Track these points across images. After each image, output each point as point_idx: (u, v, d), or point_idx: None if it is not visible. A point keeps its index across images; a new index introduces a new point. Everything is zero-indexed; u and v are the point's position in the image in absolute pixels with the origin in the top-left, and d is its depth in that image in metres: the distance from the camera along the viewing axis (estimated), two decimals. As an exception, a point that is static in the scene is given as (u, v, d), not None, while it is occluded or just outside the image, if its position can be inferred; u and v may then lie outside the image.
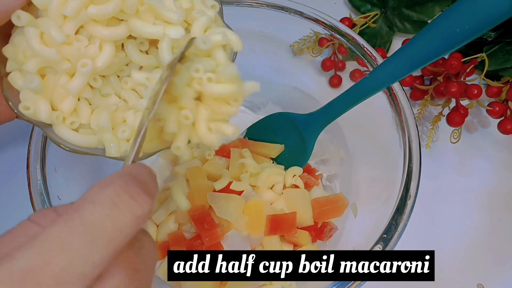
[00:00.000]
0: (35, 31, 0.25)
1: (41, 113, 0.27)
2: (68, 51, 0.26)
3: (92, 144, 0.29)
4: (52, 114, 0.27)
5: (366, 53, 0.42)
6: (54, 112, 0.28)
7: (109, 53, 0.27)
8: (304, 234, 0.42)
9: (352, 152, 0.47)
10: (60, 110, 0.28)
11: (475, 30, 0.28)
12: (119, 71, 0.30)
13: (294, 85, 0.50)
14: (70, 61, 0.26)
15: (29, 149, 0.36)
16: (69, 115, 0.28)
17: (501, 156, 0.53)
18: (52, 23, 0.25)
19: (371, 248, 0.34)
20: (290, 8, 0.44)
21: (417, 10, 0.58)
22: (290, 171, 0.45)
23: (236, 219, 0.41)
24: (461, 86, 0.48)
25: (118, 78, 0.30)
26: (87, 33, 0.27)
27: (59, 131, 0.28)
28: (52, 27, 0.25)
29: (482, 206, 0.50)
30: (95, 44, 0.27)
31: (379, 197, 0.40)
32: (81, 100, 0.28)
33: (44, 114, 0.27)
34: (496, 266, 0.47)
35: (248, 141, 0.48)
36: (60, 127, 0.28)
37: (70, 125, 0.28)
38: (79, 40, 0.27)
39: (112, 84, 0.30)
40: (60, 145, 0.28)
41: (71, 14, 0.25)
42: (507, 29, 0.52)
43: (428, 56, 0.31)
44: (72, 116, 0.28)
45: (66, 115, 0.28)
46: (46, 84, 0.27)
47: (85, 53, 0.26)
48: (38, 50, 0.25)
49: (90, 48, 0.27)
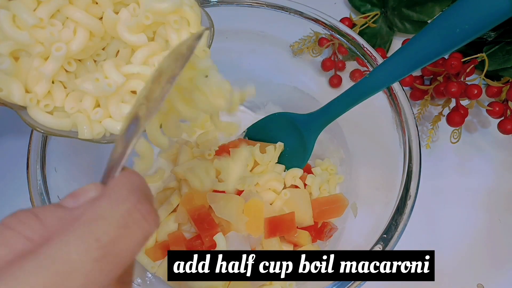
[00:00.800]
0: (6, 13, 0.25)
1: (14, 95, 0.27)
2: (41, 35, 0.26)
3: (66, 127, 0.29)
4: (26, 96, 0.27)
5: (366, 53, 0.42)
6: (28, 94, 0.28)
7: (83, 37, 0.28)
8: (304, 234, 0.42)
9: (352, 152, 0.47)
10: (34, 93, 0.28)
11: (475, 30, 0.28)
12: (95, 55, 0.30)
13: (294, 85, 0.50)
14: (43, 45, 0.26)
15: (29, 149, 0.36)
16: (43, 98, 0.28)
17: (501, 156, 0.54)
18: (23, 6, 0.25)
19: (371, 248, 0.34)
20: (290, 8, 0.44)
21: (417, 10, 0.58)
22: (290, 172, 0.45)
23: (236, 219, 0.41)
24: (461, 86, 0.48)
25: (95, 62, 0.30)
26: (62, 17, 0.27)
27: (33, 113, 0.28)
28: (24, 10, 0.25)
29: (482, 206, 0.50)
30: (70, 28, 0.27)
31: (379, 197, 0.40)
32: (55, 83, 0.29)
33: (17, 96, 0.27)
34: (496, 266, 0.47)
35: (248, 141, 0.48)
36: (34, 109, 0.28)
37: (44, 107, 0.28)
38: (53, 24, 0.27)
39: (88, 68, 0.30)
40: (35, 128, 0.28)
41: None
42: (507, 29, 0.52)
43: (428, 56, 0.31)
44: (47, 99, 0.28)
45: (40, 97, 0.28)
46: (20, 67, 0.27)
47: (59, 37, 0.26)
48: (10, 33, 0.25)
49: (64, 32, 0.27)
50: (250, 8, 0.44)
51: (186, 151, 0.46)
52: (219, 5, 0.44)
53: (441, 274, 0.46)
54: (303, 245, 0.42)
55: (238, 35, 0.47)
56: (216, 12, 0.44)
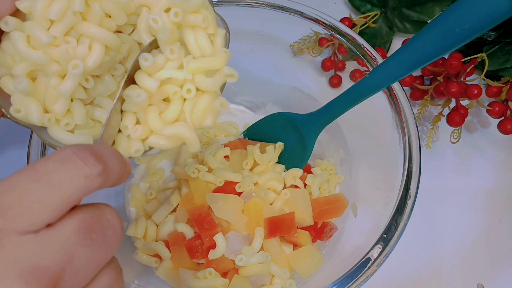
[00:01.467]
0: (21, 34, 0.25)
1: (32, 115, 0.27)
2: (56, 53, 0.26)
3: (89, 143, 0.29)
4: (44, 116, 0.27)
5: (366, 53, 0.42)
6: (46, 114, 0.27)
7: (99, 52, 0.27)
8: (304, 234, 0.42)
9: (352, 152, 0.47)
10: (52, 112, 0.27)
11: (474, 30, 0.28)
12: (112, 69, 0.30)
13: (294, 85, 0.50)
14: (59, 63, 0.26)
15: (29, 149, 0.36)
16: (62, 116, 0.28)
17: (501, 156, 0.54)
18: (37, 25, 0.25)
19: (371, 248, 0.34)
20: (290, 8, 0.44)
21: (417, 10, 0.58)
22: (290, 172, 0.45)
23: (235, 219, 0.41)
24: (461, 86, 0.48)
25: (113, 77, 0.30)
26: (76, 34, 0.27)
27: (54, 133, 0.28)
28: (37, 29, 0.25)
29: (482, 206, 0.50)
30: (85, 44, 0.27)
31: (379, 197, 0.40)
32: (74, 101, 0.28)
33: (35, 117, 0.27)
34: (496, 266, 0.47)
35: (248, 141, 0.48)
36: (55, 129, 0.28)
37: (65, 126, 0.28)
38: (67, 42, 0.26)
39: (106, 83, 0.30)
40: (56, 148, 0.28)
41: (56, 17, 0.25)
42: (507, 29, 0.52)
43: (428, 56, 0.31)
44: (67, 117, 0.28)
45: (59, 116, 0.28)
46: (38, 87, 0.27)
47: (74, 54, 0.26)
48: (25, 53, 0.25)
49: (79, 48, 0.27)
50: (250, 8, 0.44)
51: (186, 151, 0.46)
52: (219, 5, 0.44)
53: (441, 274, 0.46)
54: (303, 245, 0.42)
55: (238, 35, 0.47)
56: (216, 12, 0.44)
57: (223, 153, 0.45)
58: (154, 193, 0.45)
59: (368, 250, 0.34)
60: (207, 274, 0.38)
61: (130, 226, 0.43)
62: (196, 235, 0.41)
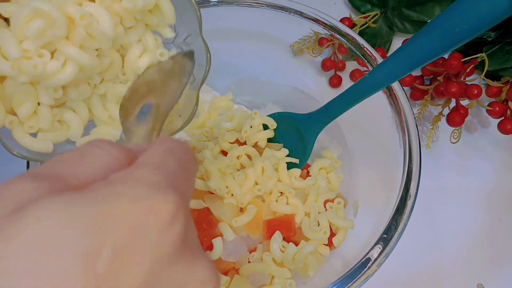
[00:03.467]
0: None
1: None
2: (25, 66, 0.24)
3: (48, 149, 0.28)
4: (6, 118, 0.26)
5: (366, 53, 0.42)
6: (8, 116, 0.27)
7: (72, 72, 0.26)
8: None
9: (352, 152, 0.47)
10: (17, 115, 0.27)
11: (474, 30, 0.28)
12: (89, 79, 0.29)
13: (294, 85, 0.50)
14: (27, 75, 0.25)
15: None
16: (26, 119, 0.27)
17: (501, 156, 0.54)
18: (11, 37, 0.24)
19: (371, 248, 0.34)
20: (290, 8, 0.44)
21: (417, 10, 0.58)
22: (289, 173, 0.45)
23: (231, 219, 0.40)
24: (461, 86, 0.48)
25: (88, 84, 0.29)
26: (52, 46, 0.26)
27: (16, 135, 0.27)
28: (9, 42, 0.24)
29: (482, 206, 0.50)
30: (59, 61, 0.26)
31: (379, 197, 0.40)
32: (41, 105, 0.27)
33: None
34: (496, 266, 0.47)
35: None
36: (17, 131, 0.27)
37: (28, 129, 0.27)
38: (41, 55, 0.25)
39: (80, 90, 0.29)
40: (11, 151, 0.27)
41: (33, 35, 0.24)
42: (507, 29, 0.52)
43: (427, 56, 0.31)
44: (32, 120, 0.27)
45: (23, 120, 0.27)
46: (4, 88, 0.26)
47: (43, 70, 0.25)
48: None
49: (51, 64, 0.25)
50: (250, 8, 0.44)
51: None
52: (219, 5, 0.44)
53: (441, 274, 0.46)
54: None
55: (238, 35, 0.47)
56: (216, 12, 0.44)
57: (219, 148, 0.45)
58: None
59: (368, 250, 0.34)
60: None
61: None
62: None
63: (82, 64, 0.26)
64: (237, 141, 0.46)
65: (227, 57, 0.49)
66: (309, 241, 0.40)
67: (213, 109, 0.50)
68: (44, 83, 0.26)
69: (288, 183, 0.43)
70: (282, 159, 0.44)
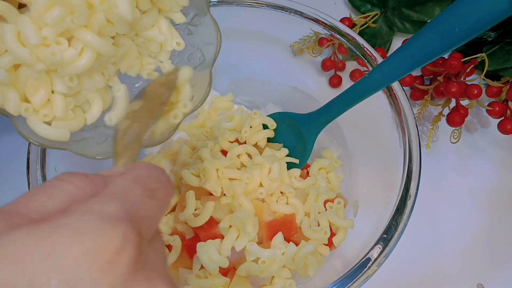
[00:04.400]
0: (12, 28, 0.24)
1: (9, 104, 0.26)
2: (43, 54, 0.25)
3: (64, 137, 0.28)
4: (21, 106, 0.27)
5: (366, 53, 0.42)
6: (23, 104, 0.27)
7: (89, 59, 0.26)
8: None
9: (352, 152, 0.47)
10: (31, 103, 0.27)
11: (473, 30, 0.28)
12: (103, 69, 0.29)
13: (294, 85, 0.50)
14: (44, 63, 0.25)
15: (29, 149, 0.36)
16: (40, 107, 0.27)
17: (501, 156, 0.54)
18: (30, 23, 0.24)
19: (371, 248, 0.34)
20: (290, 8, 0.44)
21: (417, 10, 0.58)
22: (289, 173, 0.45)
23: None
24: (461, 86, 0.48)
25: (103, 75, 0.29)
26: (69, 34, 0.26)
27: (30, 123, 0.27)
28: (29, 28, 0.24)
29: (482, 206, 0.50)
30: (76, 49, 0.26)
31: (379, 197, 0.40)
32: (55, 93, 0.27)
33: (12, 106, 0.26)
34: (496, 266, 0.47)
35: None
36: (32, 118, 0.27)
37: (43, 117, 0.27)
38: (58, 43, 0.25)
39: (94, 80, 0.29)
40: (28, 139, 0.27)
41: (53, 23, 0.24)
42: (507, 29, 0.52)
43: (427, 56, 0.31)
44: (46, 108, 0.27)
45: (37, 107, 0.27)
46: (19, 75, 0.26)
47: (61, 58, 0.25)
48: (11, 48, 0.24)
49: (68, 52, 0.25)
50: (250, 8, 0.44)
51: (186, 151, 0.46)
52: (219, 5, 0.44)
53: (441, 274, 0.46)
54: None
55: (238, 35, 0.47)
56: (216, 12, 0.44)
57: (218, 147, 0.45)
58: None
59: (368, 250, 0.34)
60: (208, 273, 0.38)
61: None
62: (195, 235, 0.41)
63: (100, 51, 0.26)
64: (237, 141, 0.46)
65: (227, 57, 0.49)
66: (309, 241, 0.40)
67: (213, 109, 0.50)
68: (60, 71, 0.26)
69: (288, 183, 0.43)
70: (282, 159, 0.44)
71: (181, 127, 0.49)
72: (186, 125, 0.49)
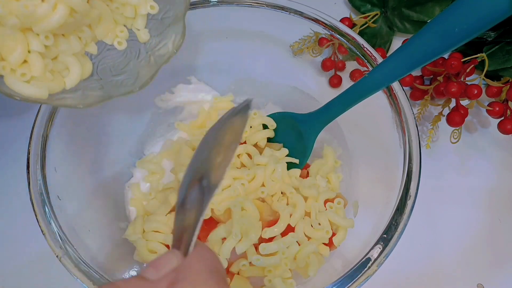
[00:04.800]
0: None
1: None
2: (16, 7, 0.25)
3: (43, 95, 0.28)
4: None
5: (366, 53, 0.42)
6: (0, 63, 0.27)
7: (62, 13, 0.27)
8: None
9: (352, 152, 0.47)
10: (7, 62, 0.27)
11: (473, 30, 0.28)
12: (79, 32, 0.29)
13: (294, 85, 0.50)
14: (18, 17, 0.25)
15: (29, 149, 0.36)
16: (17, 66, 0.27)
17: (501, 156, 0.53)
18: None
19: (371, 248, 0.34)
20: (290, 8, 0.44)
21: (417, 10, 0.58)
22: (289, 173, 0.45)
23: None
24: (461, 86, 0.48)
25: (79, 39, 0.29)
26: None
27: (10, 82, 0.28)
28: None
29: (482, 206, 0.50)
30: (49, 4, 0.26)
31: (379, 197, 0.40)
32: (32, 53, 0.28)
33: None
34: (496, 266, 0.47)
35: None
36: (10, 78, 0.28)
37: (21, 76, 0.28)
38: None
39: (71, 42, 0.29)
40: (12, 97, 0.28)
41: None
42: (507, 29, 0.52)
43: (427, 56, 0.31)
44: (23, 68, 0.28)
45: (13, 66, 0.27)
46: None
47: (34, 12, 0.25)
48: None
49: (42, 6, 0.26)
50: (250, 8, 0.44)
51: (186, 151, 0.46)
52: (219, 5, 0.44)
53: (441, 274, 0.46)
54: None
55: (238, 35, 0.47)
56: (216, 12, 0.44)
57: None
58: (154, 193, 0.45)
59: (368, 250, 0.34)
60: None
61: (129, 227, 0.43)
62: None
63: (72, 5, 0.27)
64: (237, 141, 0.46)
65: (227, 57, 0.49)
66: (310, 240, 0.40)
67: (213, 109, 0.50)
68: (35, 28, 0.26)
69: (288, 183, 0.43)
70: (282, 159, 0.44)
71: (181, 127, 0.49)
72: (186, 125, 0.49)
